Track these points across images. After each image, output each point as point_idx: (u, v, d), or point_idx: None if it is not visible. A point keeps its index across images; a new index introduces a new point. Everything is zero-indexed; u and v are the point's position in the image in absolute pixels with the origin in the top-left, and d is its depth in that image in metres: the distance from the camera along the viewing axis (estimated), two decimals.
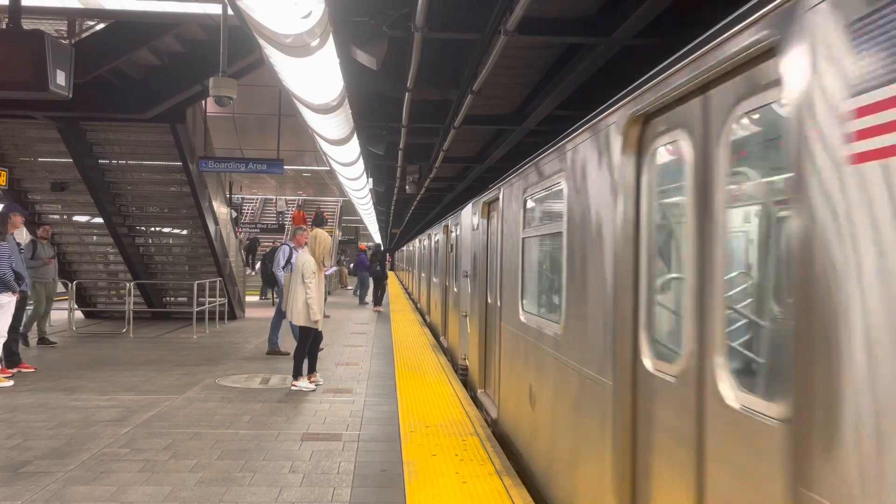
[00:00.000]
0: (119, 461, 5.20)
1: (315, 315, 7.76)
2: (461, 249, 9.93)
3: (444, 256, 12.89)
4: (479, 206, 8.08)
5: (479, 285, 7.97)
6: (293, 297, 7.93)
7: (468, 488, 4.70)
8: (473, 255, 8.52)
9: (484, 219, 7.84)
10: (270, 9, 5.22)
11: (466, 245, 9.28)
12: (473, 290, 8.43)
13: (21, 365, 8.80)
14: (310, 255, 7.86)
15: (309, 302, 7.74)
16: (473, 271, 8.45)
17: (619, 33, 5.63)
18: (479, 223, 8.11)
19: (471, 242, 8.81)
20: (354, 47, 6.61)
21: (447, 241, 12.31)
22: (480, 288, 7.86)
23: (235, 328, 14.17)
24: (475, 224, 8.41)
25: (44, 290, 10.89)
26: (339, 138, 10.23)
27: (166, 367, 9.33)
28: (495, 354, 6.85)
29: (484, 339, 7.74)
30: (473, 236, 8.56)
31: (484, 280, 7.68)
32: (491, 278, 7.23)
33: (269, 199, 42.37)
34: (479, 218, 8.02)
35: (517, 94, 8.87)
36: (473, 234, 8.56)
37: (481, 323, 7.80)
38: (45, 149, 13.46)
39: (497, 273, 6.74)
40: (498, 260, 6.71)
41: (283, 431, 6.12)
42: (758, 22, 2.14)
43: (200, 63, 11.06)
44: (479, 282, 7.98)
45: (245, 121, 18.51)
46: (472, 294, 8.57)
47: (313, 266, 7.79)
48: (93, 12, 9.52)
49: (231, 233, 16.38)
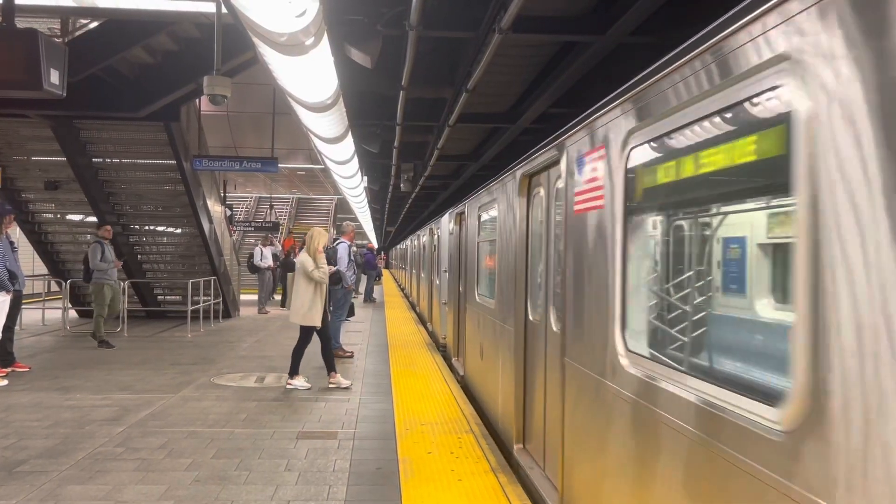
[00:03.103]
0: (114, 460, 5.20)
1: (315, 319, 7.84)
2: (441, 250, 12.10)
3: (429, 255, 14.87)
4: (453, 215, 10.29)
5: (453, 278, 10.06)
6: (294, 296, 7.98)
7: (463, 486, 4.71)
8: (450, 254, 10.62)
9: (457, 226, 9.88)
10: (264, 7, 5.22)
11: (445, 246, 11.47)
12: (450, 282, 10.34)
13: (15, 364, 8.77)
14: (307, 254, 7.90)
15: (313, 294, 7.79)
16: (450, 267, 10.51)
17: (614, 31, 5.64)
18: (453, 229, 10.20)
19: (448, 244, 10.97)
20: (349, 46, 6.60)
21: (431, 243, 14.36)
22: (454, 280, 9.86)
23: (230, 327, 14.15)
24: (451, 230, 10.52)
25: (110, 291, 10.89)
26: (334, 136, 10.22)
27: (161, 365, 9.31)
28: (465, 330, 8.79)
29: (457, 319, 9.66)
30: (450, 239, 10.64)
31: (457, 273, 9.64)
32: (462, 272, 9.24)
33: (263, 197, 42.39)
34: (454, 225, 10.17)
35: (511, 92, 8.87)
36: (450, 238, 10.62)
37: (455, 307, 9.78)
38: (38, 147, 13.40)
39: (464, 267, 8.84)
40: (465, 258, 8.76)
41: (278, 430, 6.12)
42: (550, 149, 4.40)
43: (194, 61, 11.03)
44: (452, 275, 10.10)
45: (239, 119, 18.45)
46: (449, 285, 10.63)
47: (310, 265, 7.80)
48: (86, 11, 9.49)
49: (226, 231, 16.35)
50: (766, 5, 2.00)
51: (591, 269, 3.52)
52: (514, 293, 5.49)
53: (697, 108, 2.42)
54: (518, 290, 5.41)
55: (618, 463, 3.08)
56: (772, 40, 1.97)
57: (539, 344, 4.92)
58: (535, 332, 5.10)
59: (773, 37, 1.97)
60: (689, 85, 2.47)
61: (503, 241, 6.02)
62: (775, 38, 1.95)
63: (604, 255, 3.29)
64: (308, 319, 7.83)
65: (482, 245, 7.55)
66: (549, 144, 4.51)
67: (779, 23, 1.94)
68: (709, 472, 2.24)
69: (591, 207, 3.47)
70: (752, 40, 2.07)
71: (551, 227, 4.58)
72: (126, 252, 14.16)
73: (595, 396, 3.42)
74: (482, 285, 7.53)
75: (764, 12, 2.01)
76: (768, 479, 1.89)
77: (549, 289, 4.59)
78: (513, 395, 5.52)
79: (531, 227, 5.30)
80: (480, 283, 7.62)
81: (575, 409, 3.81)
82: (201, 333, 12.79)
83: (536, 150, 4.89)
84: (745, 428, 2.01)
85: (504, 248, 5.95)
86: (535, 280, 5.15)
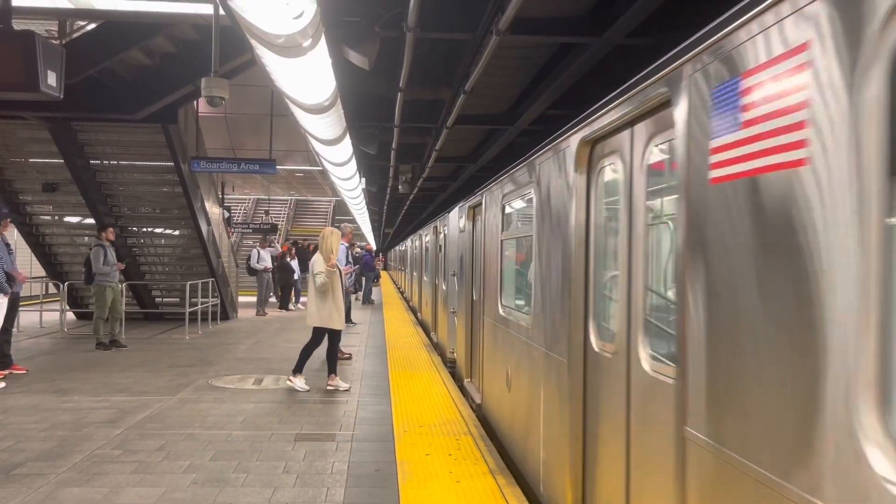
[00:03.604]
0: (112, 463, 5.19)
1: (335, 322, 7.87)
2: (449, 250, 10.41)
3: (433, 257, 13.31)
4: (464, 209, 8.46)
5: (464, 283, 8.37)
6: (309, 299, 8.03)
7: (462, 487, 4.71)
8: (460, 255, 8.90)
9: (469, 221, 8.19)
10: (262, 9, 5.22)
11: (454, 246, 9.70)
12: (461, 288, 8.74)
13: (13, 367, 8.76)
14: (321, 255, 7.95)
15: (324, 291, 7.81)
16: (461, 271, 8.78)
17: (611, 33, 5.64)
18: (465, 225, 8.42)
19: (458, 244, 9.20)
20: (346, 47, 6.60)
21: (436, 243, 12.72)
22: (466, 286, 8.22)
23: (228, 329, 14.14)
24: (462, 226, 8.74)
25: (112, 293, 10.89)
26: (332, 138, 10.22)
27: (159, 368, 9.30)
28: (481, 347, 7.18)
29: (470, 333, 8.15)
30: (460, 238, 8.88)
31: (470, 278, 8.05)
32: (477, 276, 7.56)
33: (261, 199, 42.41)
34: (466, 220, 8.37)
35: (509, 93, 8.87)
36: (461, 236, 8.87)
37: (467, 319, 8.23)
38: (36, 149, 13.40)
39: (481, 271, 7.15)
40: (482, 259, 7.13)
41: (276, 432, 6.11)
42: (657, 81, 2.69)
43: (192, 63, 11.02)
44: (464, 280, 8.38)
45: (237, 121, 18.46)
46: (459, 292, 8.94)
47: (321, 265, 7.82)
48: (84, 13, 9.48)
49: (223, 233, 16.34)
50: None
51: (766, 276, 1.98)
52: (564, 309, 3.96)
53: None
54: (573, 306, 3.81)
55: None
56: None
57: (613, 389, 3.32)
58: (602, 369, 3.51)
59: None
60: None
61: (545, 237, 4.53)
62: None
63: (806, 252, 1.78)
64: (325, 322, 7.84)
65: (508, 243, 6.24)
66: (635, 88, 2.99)
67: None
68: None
69: (767, 168, 1.96)
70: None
71: (637, 212, 3.08)
72: (124, 254, 14.15)
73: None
74: (509, 294, 6.18)
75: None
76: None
77: (633, 307, 3.08)
78: (567, 459, 3.86)
79: (595, 215, 3.73)
80: (506, 291, 6.22)
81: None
82: (199, 335, 12.78)
83: (596, 110, 3.52)
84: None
85: (547, 245, 4.48)
86: (600, 292, 3.69)
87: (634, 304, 3.07)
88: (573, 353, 3.80)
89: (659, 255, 3.03)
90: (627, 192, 3.17)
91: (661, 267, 3.01)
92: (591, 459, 3.67)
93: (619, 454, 3.23)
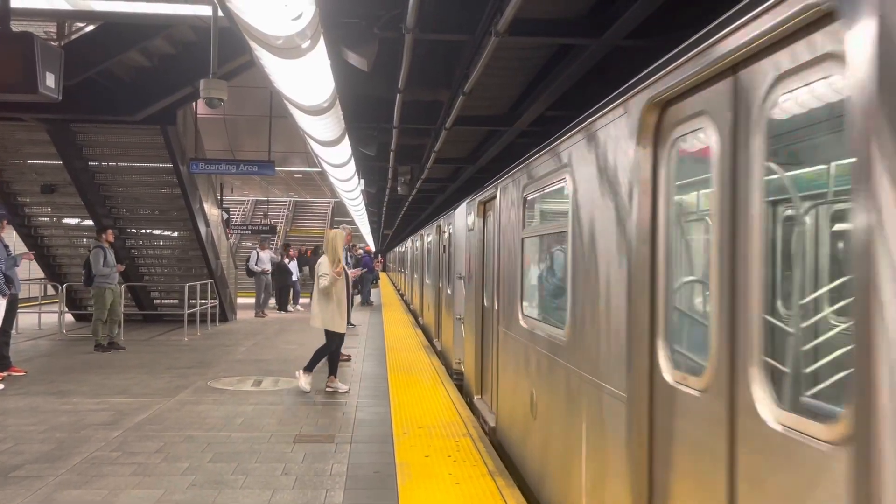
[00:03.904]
0: (110, 465, 5.18)
1: (338, 325, 7.86)
2: (455, 251, 9.65)
3: (436, 258, 12.61)
4: (473, 205, 7.66)
5: (474, 287, 7.54)
6: (313, 301, 8.04)
7: (461, 489, 4.70)
8: (468, 256, 8.19)
9: (480, 218, 7.41)
10: (261, 10, 5.21)
11: (461, 246, 8.97)
12: (470, 293, 7.97)
13: (11, 368, 8.74)
14: (327, 258, 7.96)
15: (327, 293, 7.80)
16: (469, 274, 8.03)
17: (609, 34, 5.65)
18: (475, 223, 7.65)
19: (465, 244, 8.49)
20: (345, 49, 6.60)
21: (440, 243, 12.03)
22: (476, 290, 7.42)
23: (227, 330, 14.13)
24: (471, 224, 7.99)
25: (111, 295, 10.90)
26: (331, 139, 10.21)
27: (158, 369, 9.29)
28: (496, 361, 6.29)
29: (481, 344, 7.30)
30: (469, 237, 8.18)
31: (480, 282, 7.21)
32: (490, 280, 6.63)
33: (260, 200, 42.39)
34: (475, 218, 7.57)
35: (508, 94, 8.88)
36: (469, 235, 8.17)
37: (477, 327, 7.41)
38: (34, 151, 13.40)
39: (495, 274, 6.25)
40: (496, 261, 6.24)
41: (275, 433, 6.11)
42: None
43: (191, 65, 11.02)
44: (473, 284, 7.57)
45: (236, 122, 18.45)
46: (467, 297, 8.18)
47: (327, 267, 7.82)
48: (82, 14, 9.48)
49: (222, 235, 16.33)
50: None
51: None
52: (617, 325, 3.09)
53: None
54: (634, 322, 2.90)
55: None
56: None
57: (701, 439, 2.42)
58: (681, 409, 2.59)
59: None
60: None
61: (585, 234, 3.64)
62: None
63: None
64: (328, 324, 7.85)
65: (532, 242, 5.30)
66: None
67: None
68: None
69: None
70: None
71: (749, 191, 2.14)
72: (123, 256, 14.13)
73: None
74: (533, 302, 5.26)
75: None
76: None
77: (740, 327, 2.18)
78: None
79: (665, 203, 2.80)
80: (530, 298, 5.29)
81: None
82: (198, 337, 12.76)
83: (666, 62, 2.66)
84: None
85: (587, 244, 3.59)
86: (671, 303, 2.77)
87: (743, 323, 2.16)
88: (635, 383, 2.87)
89: (791, 256, 2.15)
90: (729, 166, 2.26)
91: (800, 272, 2.12)
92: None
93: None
